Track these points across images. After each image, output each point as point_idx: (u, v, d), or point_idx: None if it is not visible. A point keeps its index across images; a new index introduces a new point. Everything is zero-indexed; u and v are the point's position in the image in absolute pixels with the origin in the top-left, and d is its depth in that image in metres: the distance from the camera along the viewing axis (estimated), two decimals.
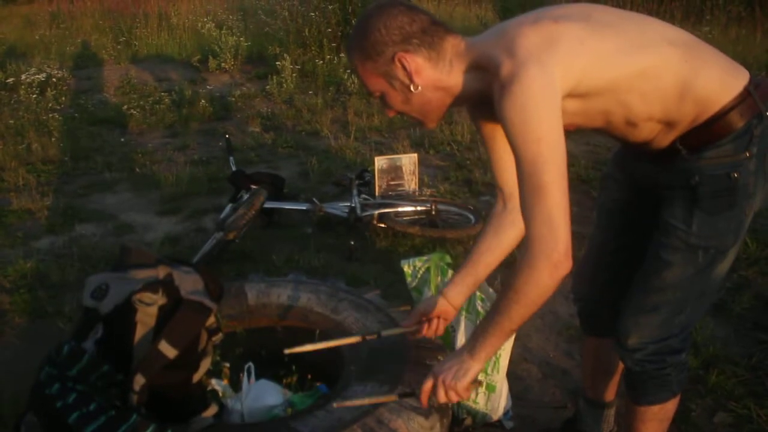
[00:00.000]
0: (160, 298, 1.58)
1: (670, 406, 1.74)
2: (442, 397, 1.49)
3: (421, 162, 4.17)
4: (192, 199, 4.32)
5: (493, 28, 1.49)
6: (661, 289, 1.58)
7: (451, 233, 3.60)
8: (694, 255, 1.53)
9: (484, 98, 1.40)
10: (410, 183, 4.04)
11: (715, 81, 1.43)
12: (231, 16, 10.01)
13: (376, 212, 3.70)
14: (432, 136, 5.55)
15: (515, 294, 1.34)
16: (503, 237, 1.68)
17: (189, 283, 1.65)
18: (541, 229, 1.29)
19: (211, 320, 1.68)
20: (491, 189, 4.39)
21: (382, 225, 3.70)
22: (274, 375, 2.16)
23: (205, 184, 4.50)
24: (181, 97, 6.48)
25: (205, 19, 10.11)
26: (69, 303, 2.96)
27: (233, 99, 6.86)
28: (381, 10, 1.42)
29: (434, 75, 1.42)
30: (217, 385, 2.01)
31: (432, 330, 1.75)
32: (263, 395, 2.03)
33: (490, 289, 2.13)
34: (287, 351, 1.76)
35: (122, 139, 5.72)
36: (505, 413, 2.23)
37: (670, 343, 1.63)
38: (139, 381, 1.54)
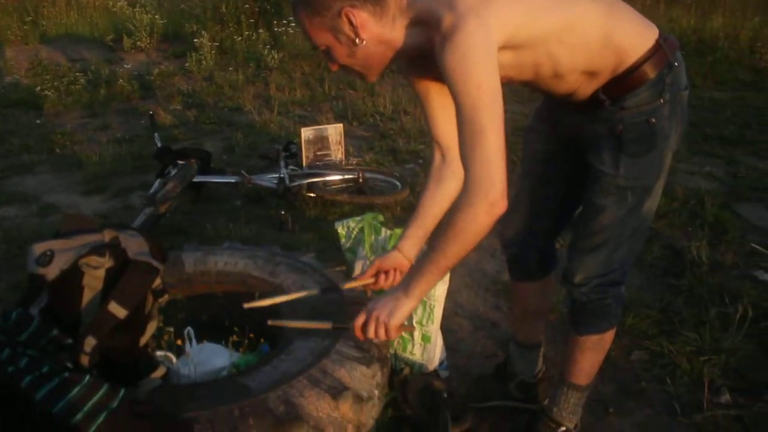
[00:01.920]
0: (107, 261, 1.62)
1: (608, 337, 1.90)
2: (371, 333, 1.58)
3: (346, 133, 4.25)
4: (117, 177, 4.27)
5: None
6: (600, 230, 1.72)
7: (379, 199, 3.71)
8: (623, 196, 1.67)
9: (424, 52, 1.50)
10: (337, 153, 4.12)
11: (632, 34, 1.58)
12: None
13: (305, 182, 3.77)
14: (355, 108, 5.64)
15: (453, 231, 1.43)
16: (445, 188, 1.79)
17: (135, 245, 1.70)
18: (480, 170, 1.38)
19: (157, 282, 1.73)
20: (415, 157, 4.53)
21: (311, 194, 3.77)
22: (216, 339, 2.23)
23: (130, 162, 4.46)
24: (98, 77, 6.34)
25: None
26: None
27: (152, 78, 6.75)
28: None
29: (378, 29, 1.49)
30: (160, 352, 2.06)
31: (389, 281, 1.85)
32: (210, 357, 2.10)
33: (425, 247, 2.24)
34: (247, 305, 1.83)
35: (38, 121, 5.58)
36: (441, 363, 2.34)
37: (612, 276, 1.78)
38: (90, 342, 1.59)
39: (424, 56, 1.52)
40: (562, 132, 1.83)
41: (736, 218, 3.48)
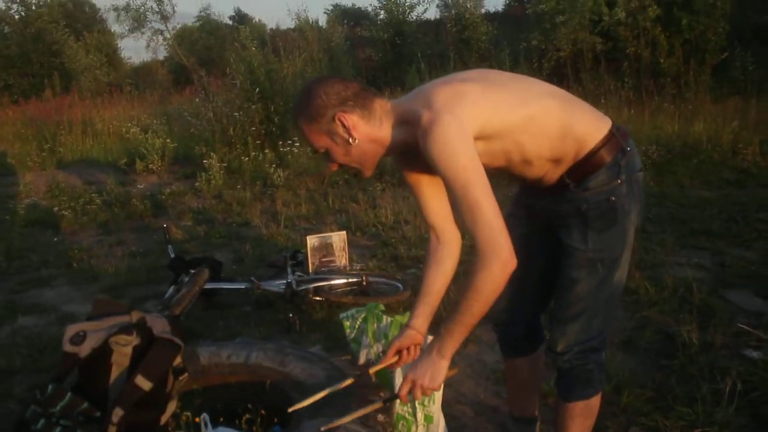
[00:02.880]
0: (134, 339, 1.79)
1: (594, 403, 2.04)
2: (419, 397, 1.83)
3: (350, 243, 4.45)
4: (132, 287, 4.46)
5: (413, 92, 1.85)
6: (576, 301, 1.91)
7: (382, 300, 3.85)
8: (594, 268, 1.87)
9: (409, 147, 1.76)
10: (341, 259, 4.32)
11: (588, 124, 1.82)
12: (155, 121, 10.30)
13: (312, 286, 3.94)
14: (358, 220, 5.89)
15: (475, 293, 1.65)
16: (444, 267, 2.02)
17: (159, 325, 1.87)
18: (485, 235, 1.61)
19: (178, 360, 1.89)
20: (416, 262, 4.71)
21: (318, 298, 3.93)
22: (230, 426, 2.34)
23: (144, 274, 4.66)
24: (112, 197, 6.66)
25: (130, 124, 10.37)
26: (19, 385, 3.06)
27: (163, 197, 7.06)
28: (320, 81, 1.76)
29: (368, 129, 1.76)
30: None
31: (411, 356, 2.03)
32: None
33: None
34: (291, 409, 2.00)
35: (55, 239, 5.84)
36: None
37: (591, 343, 1.95)
38: (118, 413, 1.73)
39: (411, 150, 1.77)
40: (536, 215, 2.04)
41: (723, 303, 3.62)
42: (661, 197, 6.00)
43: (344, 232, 4.39)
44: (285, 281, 3.96)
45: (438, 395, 2.35)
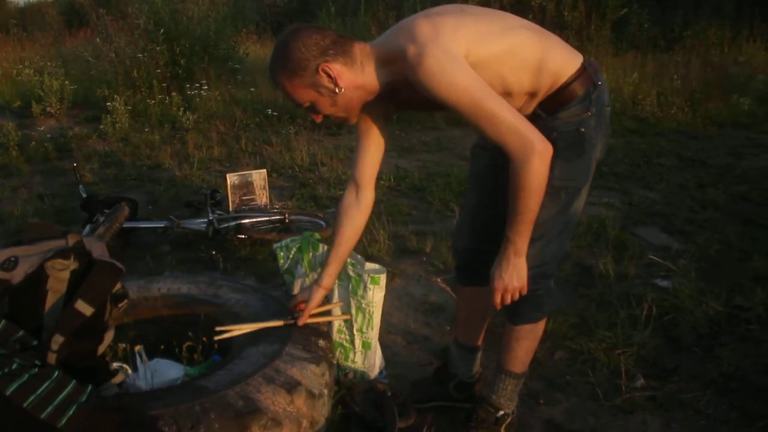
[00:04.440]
0: (72, 263, 1.70)
1: (540, 327, 2.10)
2: (508, 300, 1.90)
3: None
4: None
5: (388, 30, 1.82)
6: (535, 226, 1.89)
7: None
8: (557, 195, 1.87)
9: (394, 86, 1.75)
10: (261, 197, 4.26)
11: (562, 58, 1.83)
12: (50, 63, 9.70)
13: (234, 224, 3.87)
14: (273, 162, 5.81)
15: (526, 191, 1.71)
16: (356, 223, 2.12)
17: (98, 249, 1.79)
18: (514, 138, 1.66)
19: (117, 286, 1.82)
20: (335, 202, 4.71)
21: (241, 236, 3.87)
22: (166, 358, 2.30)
23: (53, 216, 4.42)
24: (9, 139, 6.25)
25: (21, 66, 9.73)
26: None
27: (66, 140, 6.70)
28: (295, 34, 1.70)
29: (352, 76, 1.72)
30: (116, 363, 2.12)
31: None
32: (164, 370, 2.16)
33: (358, 255, 2.40)
34: (217, 338, 1.98)
35: None
36: (380, 372, 2.47)
37: (544, 269, 1.98)
38: (58, 340, 1.65)
39: (389, 92, 1.77)
40: None
41: (634, 238, 3.83)
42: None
43: (264, 170, 4.33)
44: (206, 220, 3.87)
45: (376, 322, 2.37)
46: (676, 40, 10.56)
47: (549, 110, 1.84)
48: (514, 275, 1.86)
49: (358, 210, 2.10)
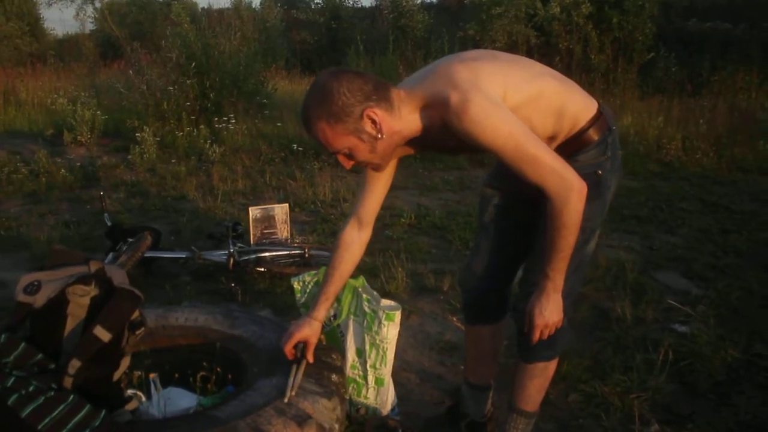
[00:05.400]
0: (92, 290, 1.75)
1: (552, 366, 2.11)
2: (545, 336, 1.94)
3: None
4: None
5: (418, 74, 1.87)
6: None
7: None
8: None
9: (430, 132, 1.78)
10: (282, 231, 4.31)
11: (581, 104, 1.89)
12: (83, 93, 9.95)
13: (254, 256, 3.92)
14: (296, 196, 5.87)
15: (566, 229, 1.76)
16: (356, 257, 2.17)
17: (119, 276, 1.83)
18: (554, 180, 1.70)
19: (136, 314, 1.86)
20: None
21: (260, 269, 3.91)
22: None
23: (79, 243, 4.50)
24: (40, 167, 6.39)
25: (56, 95, 9.99)
26: None
27: (95, 169, 6.84)
28: (338, 77, 1.67)
29: (391, 122, 1.73)
30: (131, 390, 2.14)
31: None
32: (177, 399, 2.19)
33: (374, 292, 2.42)
34: (286, 400, 1.95)
35: None
36: (393, 409, 2.47)
37: None
38: (75, 365, 1.69)
39: (422, 134, 1.81)
40: (518, 187, 2.01)
41: (653, 282, 3.81)
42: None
43: (287, 204, 4.37)
44: (227, 252, 3.92)
45: (389, 358, 2.39)
46: (704, 85, 10.57)
47: (568, 153, 1.87)
48: (554, 311, 1.89)
49: (359, 246, 2.14)
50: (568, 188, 1.71)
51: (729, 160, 7.19)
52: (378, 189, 2.07)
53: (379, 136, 1.71)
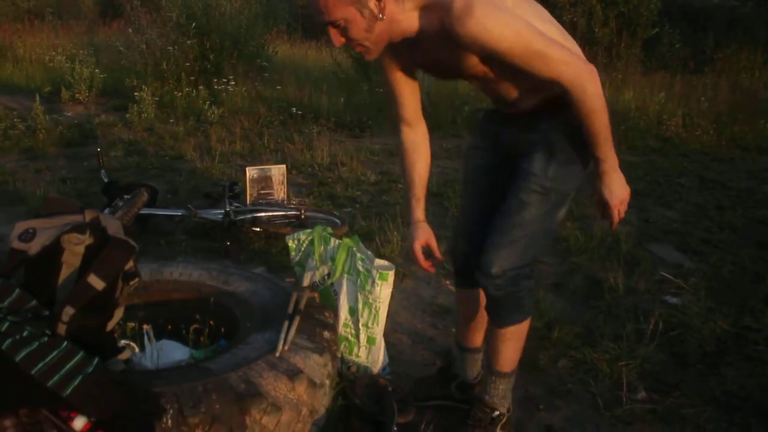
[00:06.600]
0: (87, 238, 1.75)
1: (524, 327, 2.10)
2: (622, 215, 1.94)
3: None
4: None
5: None
6: (520, 225, 1.93)
7: None
8: (546, 196, 1.91)
9: (424, 34, 1.75)
10: (279, 192, 4.31)
11: None
12: (82, 51, 9.84)
13: (250, 216, 3.92)
14: (294, 159, 5.86)
15: (595, 112, 1.74)
16: (422, 150, 2.11)
17: (114, 226, 1.83)
18: (566, 69, 1.70)
19: (130, 263, 1.86)
20: (352, 202, 4.76)
21: (256, 228, 3.92)
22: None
23: (75, 199, 4.48)
24: (37, 123, 6.36)
25: (54, 53, 9.89)
26: None
27: (92, 126, 6.80)
28: None
29: (395, 8, 1.71)
30: (123, 341, 2.16)
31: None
32: (170, 352, 2.21)
33: (368, 251, 2.43)
34: (278, 354, 1.97)
35: None
36: (383, 369, 2.49)
37: (524, 270, 1.98)
38: (68, 312, 1.69)
39: (409, 40, 1.78)
40: (501, 143, 2.08)
41: (647, 254, 3.82)
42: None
43: (284, 165, 4.37)
44: (223, 210, 3.92)
45: (382, 318, 2.40)
46: (707, 62, 10.50)
47: (552, 110, 1.87)
48: (621, 186, 1.89)
49: (423, 142, 2.12)
50: (582, 75, 1.71)
51: (728, 138, 7.18)
52: (408, 91, 2.04)
53: (381, 16, 1.69)
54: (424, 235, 2.13)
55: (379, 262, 2.37)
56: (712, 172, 6.02)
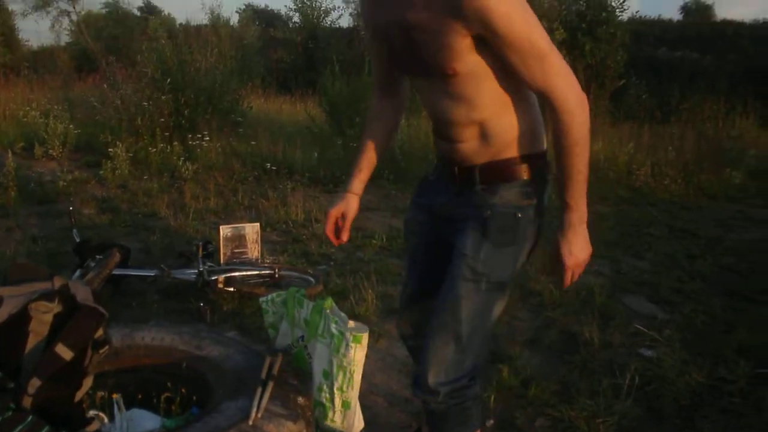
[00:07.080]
0: (55, 306, 1.73)
1: None
2: (576, 277, 1.74)
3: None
4: None
5: None
6: (453, 323, 1.74)
7: None
8: (478, 284, 1.71)
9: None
10: (253, 251, 4.29)
11: (538, 131, 1.74)
12: (57, 106, 9.84)
13: (223, 276, 3.89)
14: (268, 216, 5.86)
15: (580, 145, 1.59)
16: (387, 122, 2.02)
17: (82, 293, 1.82)
18: (561, 82, 1.54)
19: (99, 332, 1.84)
20: (326, 259, 4.75)
21: (230, 289, 3.88)
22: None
23: (46, 260, 4.42)
24: (9, 179, 6.30)
25: (28, 108, 9.87)
26: None
27: (65, 183, 6.75)
28: None
29: None
30: (93, 411, 2.12)
31: (345, 230, 2.05)
32: (139, 421, 2.17)
33: (342, 314, 2.42)
34: (251, 422, 1.91)
35: None
36: None
37: (464, 382, 1.78)
38: (35, 384, 1.67)
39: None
40: (436, 216, 1.92)
41: (621, 306, 3.86)
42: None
43: (257, 224, 4.36)
44: (196, 270, 3.89)
45: (356, 381, 2.38)
46: (672, 113, 10.78)
47: (489, 181, 1.74)
48: (584, 246, 1.69)
49: (392, 112, 2.01)
50: (575, 95, 1.56)
51: (696, 187, 7.35)
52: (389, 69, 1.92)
53: None
54: (345, 206, 2.03)
55: (352, 324, 2.36)
56: (681, 221, 6.14)
